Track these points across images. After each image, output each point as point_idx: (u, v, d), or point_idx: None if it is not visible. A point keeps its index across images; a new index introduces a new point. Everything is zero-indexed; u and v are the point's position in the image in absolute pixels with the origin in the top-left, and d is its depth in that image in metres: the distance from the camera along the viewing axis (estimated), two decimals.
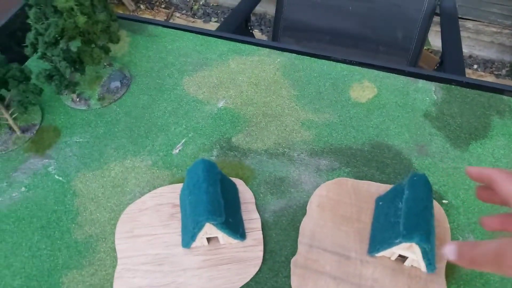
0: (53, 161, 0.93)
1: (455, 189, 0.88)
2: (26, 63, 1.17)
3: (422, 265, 0.74)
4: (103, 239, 0.82)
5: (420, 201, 0.72)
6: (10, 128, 0.92)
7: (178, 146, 0.96)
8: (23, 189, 0.88)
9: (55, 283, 0.76)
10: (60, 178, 0.90)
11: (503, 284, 0.75)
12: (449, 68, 1.35)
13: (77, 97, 1.06)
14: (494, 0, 2.76)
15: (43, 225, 0.84)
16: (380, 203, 0.82)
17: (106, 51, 1.05)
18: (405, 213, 0.71)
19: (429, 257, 0.71)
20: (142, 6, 3.74)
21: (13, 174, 0.88)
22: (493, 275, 0.76)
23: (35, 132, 0.94)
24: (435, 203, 0.84)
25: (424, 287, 0.74)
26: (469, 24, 2.94)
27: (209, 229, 0.73)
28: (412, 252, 0.72)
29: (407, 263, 0.76)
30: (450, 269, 0.76)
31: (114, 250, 0.80)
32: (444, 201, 0.86)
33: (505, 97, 1.03)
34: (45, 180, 0.89)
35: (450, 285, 0.74)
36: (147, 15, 3.67)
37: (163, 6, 3.76)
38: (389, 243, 0.72)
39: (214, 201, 0.71)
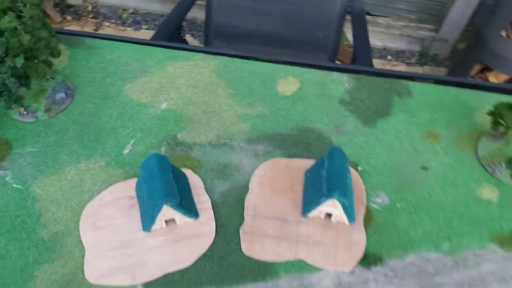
0: (9, 172, 0.98)
1: (367, 158, 1.07)
2: None
3: (344, 219, 0.92)
4: (69, 235, 0.90)
5: (337, 167, 0.89)
6: None
7: (128, 146, 1.06)
8: None
9: (29, 277, 0.83)
10: (19, 186, 0.96)
11: (410, 227, 0.95)
12: (360, 60, 1.57)
13: (24, 110, 1.11)
14: None
15: (8, 230, 0.90)
16: (308, 174, 0.99)
17: (49, 65, 1.12)
18: (326, 178, 0.88)
19: (349, 211, 0.89)
20: (69, 17, 3.68)
21: None
22: (402, 219, 0.95)
23: None
24: (352, 170, 1.02)
25: (348, 236, 0.91)
26: (381, 20, 3.29)
27: (167, 211, 0.85)
28: (335, 208, 0.89)
29: (333, 219, 0.93)
30: (367, 219, 0.95)
31: (80, 242, 0.88)
32: (359, 168, 1.05)
33: (403, 81, 1.26)
34: (3, 189, 0.95)
35: (368, 231, 0.93)
36: (75, 26, 3.62)
37: (90, 16, 3.73)
38: (316, 203, 0.89)
39: (168, 186, 0.83)
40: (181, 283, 0.81)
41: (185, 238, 0.87)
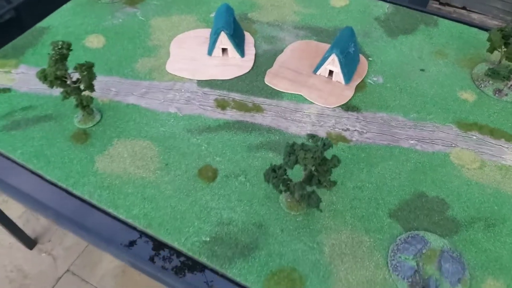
0: (139, 10, 1.52)
1: (379, 55, 1.37)
2: None
3: (341, 78, 1.27)
4: (163, 48, 1.38)
5: (344, 38, 1.24)
6: None
7: (213, 12, 1.54)
8: (120, 20, 1.48)
9: (134, 61, 1.34)
10: (143, 19, 1.49)
11: (390, 99, 1.24)
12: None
13: None
14: None
15: (130, 37, 1.43)
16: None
17: None
18: (334, 43, 1.24)
19: (345, 71, 1.24)
20: None
21: (115, 13, 1.49)
22: (386, 93, 1.27)
23: None
24: (362, 57, 1.36)
25: (341, 91, 1.25)
26: (475, 16, 3.33)
27: (223, 39, 1.29)
28: (334, 66, 1.25)
29: (333, 77, 1.29)
30: (360, 87, 1.26)
31: (168, 53, 1.38)
32: (370, 58, 1.38)
33: (434, 16, 1.54)
34: (133, 18, 1.48)
35: (357, 93, 1.24)
36: None
37: None
38: (323, 60, 1.26)
39: (228, 21, 1.27)
40: (220, 86, 1.25)
41: (231, 65, 1.30)
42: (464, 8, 1.13)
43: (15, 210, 1.74)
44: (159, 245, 0.75)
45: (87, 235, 0.77)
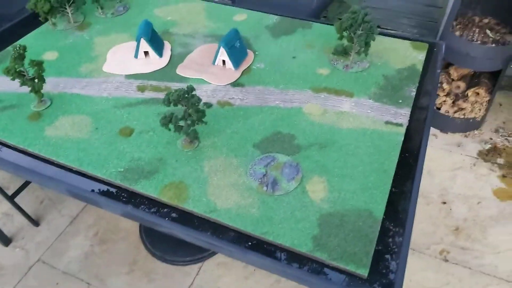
0: (85, 33, 1.95)
1: (264, 50, 1.80)
2: None
3: (231, 65, 1.72)
4: (102, 56, 1.83)
5: (231, 36, 1.68)
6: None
7: None
8: (71, 40, 1.92)
9: (78, 67, 1.77)
10: (88, 38, 1.91)
11: (267, 77, 1.59)
12: None
13: None
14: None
15: (77, 51, 1.86)
16: None
17: None
18: (221, 40, 1.70)
19: (232, 60, 1.68)
20: None
21: (68, 36, 1.93)
22: (265, 74, 1.71)
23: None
24: (250, 52, 1.82)
25: (232, 74, 1.65)
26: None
27: (144, 44, 1.75)
28: (224, 56, 1.70)
29: (226, 66, 1.73)
30: (248, 71, 1.69)
31: (106, 59, 1.81)
32: (256, 52, 1.83)
33: (311, 22, 2.02)
34: (81, 38, 1.84)
35: (244, 74, 1.67)
36: None
37: None
38: (216, 53, 1.71)
39: (146, 31, 1.72)
40: (142, 77, 1.64)
41: (151, 63, 1.73)
42: (379, 26, 1.46)
43: None
44: (87, 177, 1.08)
45: (37, 178, 1.10)
